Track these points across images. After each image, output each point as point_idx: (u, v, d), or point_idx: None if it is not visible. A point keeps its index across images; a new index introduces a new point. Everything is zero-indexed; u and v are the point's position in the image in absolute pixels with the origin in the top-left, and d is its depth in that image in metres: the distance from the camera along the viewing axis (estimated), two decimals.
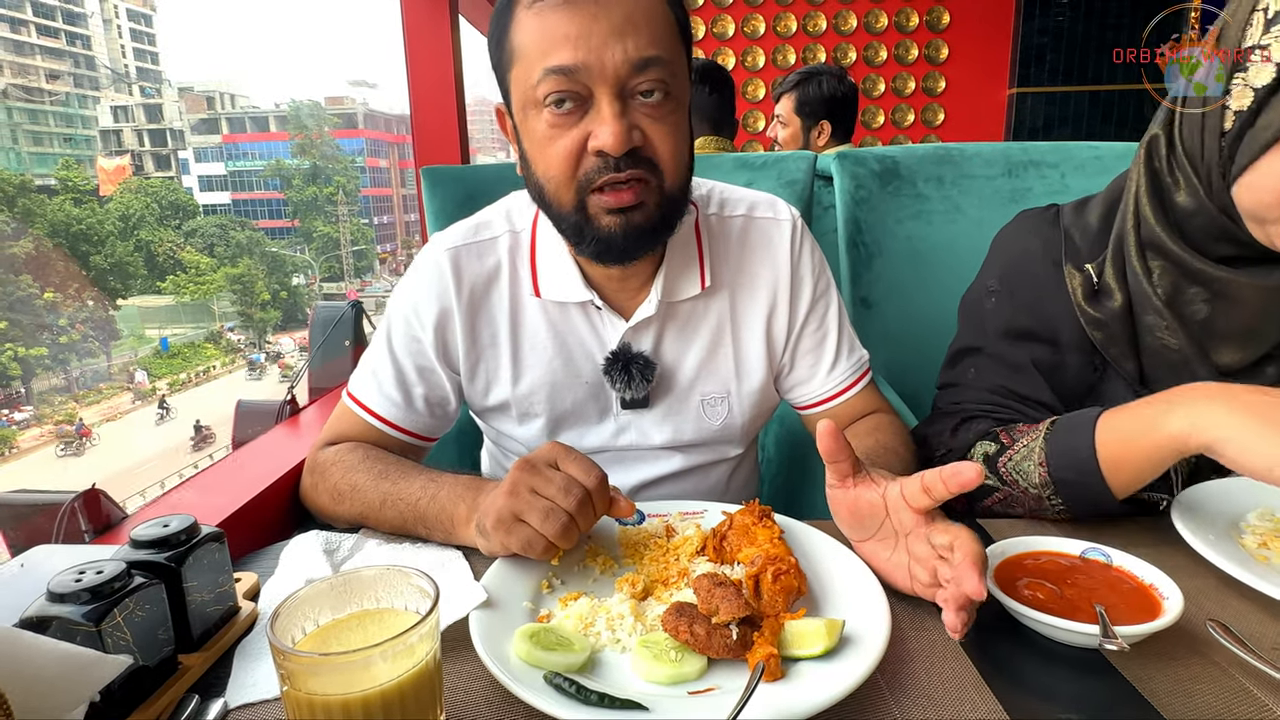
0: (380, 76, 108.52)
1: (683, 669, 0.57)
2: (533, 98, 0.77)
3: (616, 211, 0.79)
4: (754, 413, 1.00)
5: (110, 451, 23.15)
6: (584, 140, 0.77)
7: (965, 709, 0.55)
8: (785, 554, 0.65)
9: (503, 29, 0.79)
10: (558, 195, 0.80)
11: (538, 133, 0.79)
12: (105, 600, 0.54)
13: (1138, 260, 0.83)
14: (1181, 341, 0.81)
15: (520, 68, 0.78)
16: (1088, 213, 0.93)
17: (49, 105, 44.07)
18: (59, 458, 22.55)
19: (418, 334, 0.93)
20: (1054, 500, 0.80)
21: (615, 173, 0.77)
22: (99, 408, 26.46)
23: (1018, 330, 0.93)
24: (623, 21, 0.74)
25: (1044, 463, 0.80)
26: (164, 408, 25.90)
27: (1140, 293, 0.83)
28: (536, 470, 0.70)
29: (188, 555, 0.61)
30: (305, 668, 0.47)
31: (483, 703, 0.56)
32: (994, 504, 0.86)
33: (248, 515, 0.87)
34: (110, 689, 0.53)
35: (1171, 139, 0.80)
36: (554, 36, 0.74)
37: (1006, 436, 0.86)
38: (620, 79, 0.75)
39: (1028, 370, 0.92)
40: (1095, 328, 0.87)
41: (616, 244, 0.81)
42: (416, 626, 0.49)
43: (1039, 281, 0.92)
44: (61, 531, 0.76)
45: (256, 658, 0.62)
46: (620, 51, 0.74)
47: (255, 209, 44.45)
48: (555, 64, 0.74)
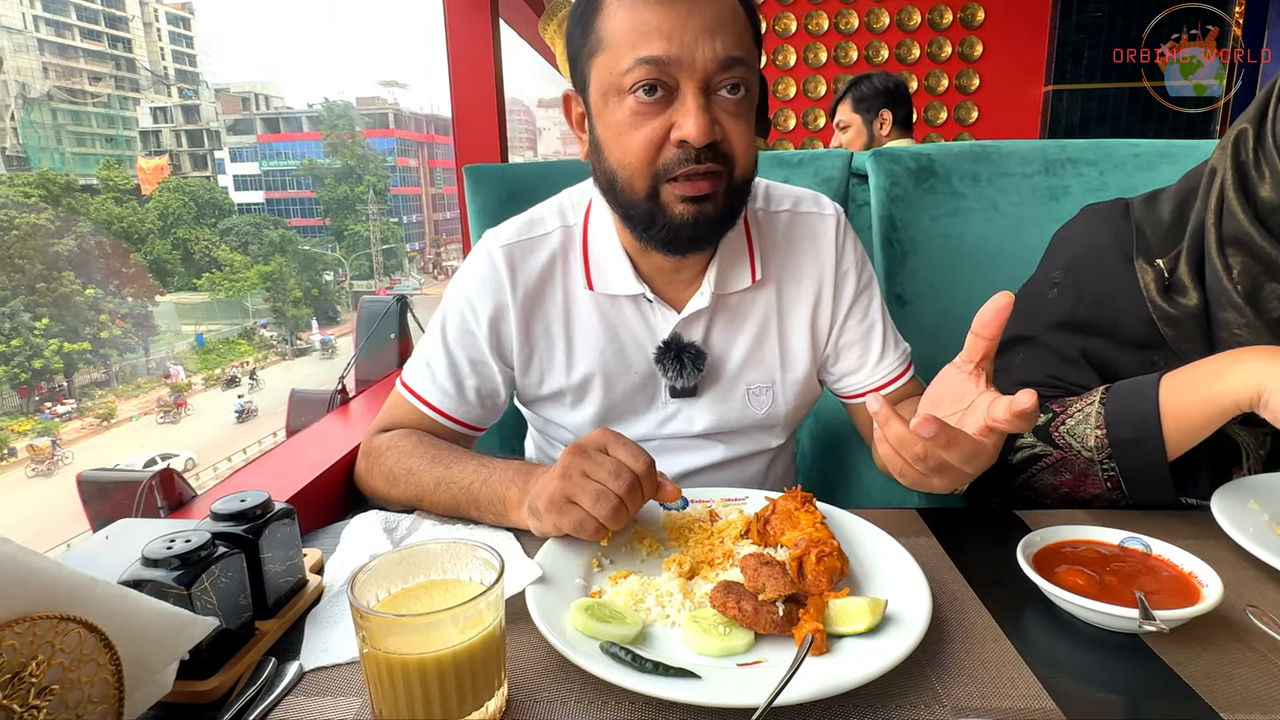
0: (410, 76, 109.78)
1: (731, 642, 0.59)
2: (618, 85, 0.80)
3: (690, 200, 0.82)
4: (797, 402, 1.03)
5: (200, 421, 26.02)
6: (666, 130, 0.80)
7: (1005, 687, 0.57)
8: (828, 537, 0.67)
9: (588, 18, 0.82)
10: (631, 182, 0.83)
11: (618, 119, 0.81)
12: (194, 566, 0.58)
13: (1217, 256, 0.83)
14: (1260, 339, 0.82)
15: (607, 55, 0.80)
16: (1159, 206, 0.93)
17: (91, 107, 45.29)
18: (159, 425, 25.86)
19: (472, 328, 0.97)
20: (1106, 465, 0.82)
21: (695, 164, 0.80)
22: (136, 401, 27.16)
23: (1076, 322, 0.94)
24: (713, 20, 0.78)
25: (1101, 425, 0.82)
26: (252, 380, 28.72)
27: (1218, 289, 0.83)
28: (588, 455, 0.73)
29: (264, 528, 0.66)
30: (382, 627, 0.51)
31: (541, 670, 0.60)
32: (1042, 470, 0.88)
33: (307, 496, 0.91)
34: (199, 649, 0.57)
35: (1261, 133, 0.81)
36: (647, 28, 0.77)
37: (1058, 405, 0.88)
38: (707, 74, 0.78)
39: (1079, 362, 0.93)
40: (1168, 324, 0.87)
41: (686, 232, 0.84)
42: (485, 594, 0.52)
43: (1108, 275, 0.93)
44: (140, 507, 0.81)
45: (327, 625, 0.66)
46: (710, 49, 0.77)
47: (288, 208, 45.26)
48: (647, 54, 0.77)
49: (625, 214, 0.87)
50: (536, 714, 0.55)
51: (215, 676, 0.58)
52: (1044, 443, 0.87)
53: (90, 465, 0.96)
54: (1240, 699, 0.55)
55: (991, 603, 0.67)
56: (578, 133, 0.91)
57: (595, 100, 0.84)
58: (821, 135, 4.81)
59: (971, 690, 0.57)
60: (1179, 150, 1.46)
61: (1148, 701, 0.56)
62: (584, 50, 0.84)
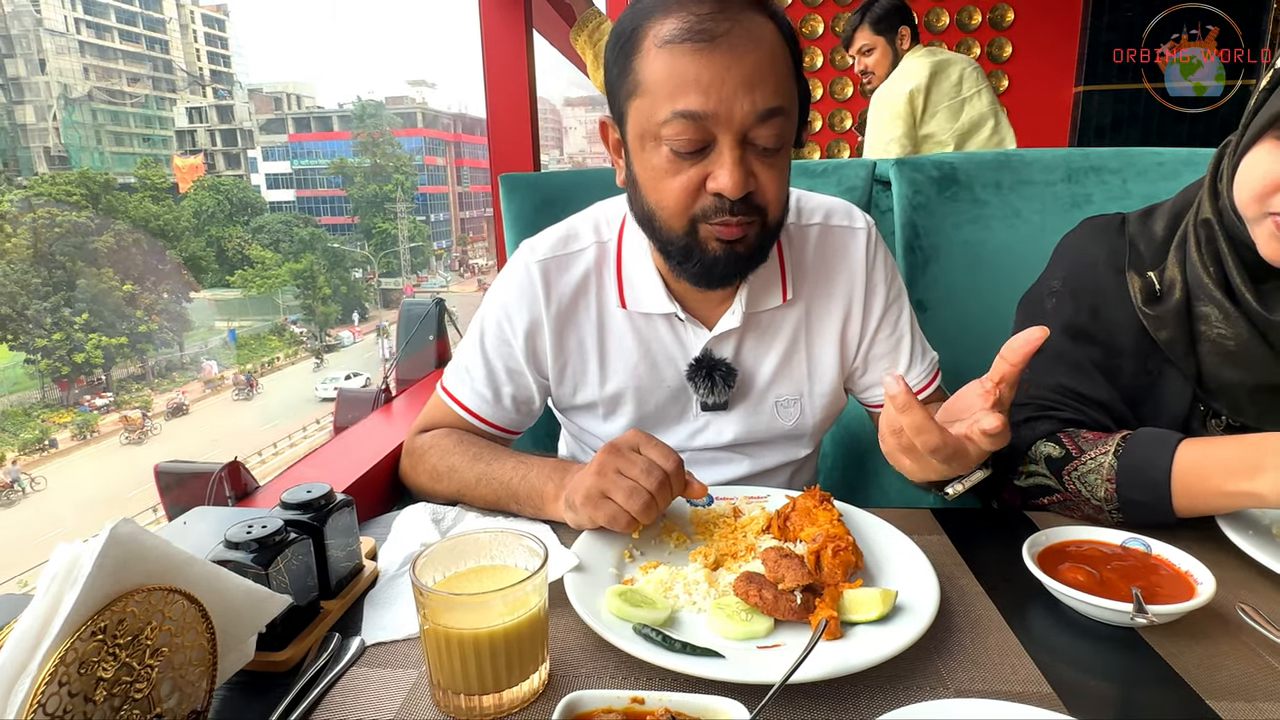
0: (438, 75, 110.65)
1: (753, 627, 0.65)
2: (654, 132, 0.81)
3: (724, 241, 0.84)
4: (824, 414, 1.06)
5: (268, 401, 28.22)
6: (702, 180, 0.82)
7: (1006, 673, 0.62)
8: (844, 533, 0.72)
9: (627, 56, 0.83)
10: (669, 223, 0.86)
11: (654, 165, 0.84)
12: (270, 550, 0.65)
13: (1195, 251, 0.87)
14: (1237, 331, 0.84)
15: (645, 100, 0.81)
16: (1153, 221, 0.96)
17: (129, 107, 46.44)
18: (234, 401, 28.50)
19: (509, 338, 1.01)
20: (1115, 514, 0.84)
21: (729, 215, 0.82)
22: (169, 395, 27.89)
23: (1076, 329, 0.96)
24: (753, 71, 0.78)
25: (1112, 479, 0.82)
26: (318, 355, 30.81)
27: (1198, 283, 0.86)
28: (621, 454, 0.79)
29: (328, 517, 0.72)
30: (441, 604, 0.57)
31: (578, 649, 0.66)
32: (1050, 504, 0.90)
33: (358, 489, 0.98)
34: (274, 624, 0.64)
35: (1238, 141, 0.84)
36: (685, 80, 0.78)
37: (1072, 444, 0.88)
38: (744, 128, 0.79)
39: (1087, 368, 0.94)
40: (1157, 327, 0.90)
41: (719, 269, 0.87)
42: (531, 577, 0.58)
43: (1101, 287, 0.95)
44: (211, 496, 0.89)
45: (385, 605, 0.73)
46: (749, 103, 0.78)
47: (318, 206, 46.00)
48: (685, 108, 0.78)
49: (662, 247, 0.89)
50: (576, 687, 0.61)
51: (288, 648, 0.65)
52: (1054, 479, 0.88)
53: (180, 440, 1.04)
54: (1226, 688, 0.59)
55: (997, 597, 0.72)
56: (614, 158, 0.92)
57: (632, 140, 0.86)
58: (848, 138, 4.82)
59: (974, 675, 0.61)
60: (1202, 159, 1.47)
61: (1139, 689, 0.61)
62: (622, 89, 0.85)
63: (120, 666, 0.48)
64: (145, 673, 0.50)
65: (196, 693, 0.55)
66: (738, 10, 0.79)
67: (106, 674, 0.47)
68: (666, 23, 0.79)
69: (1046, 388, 0.98)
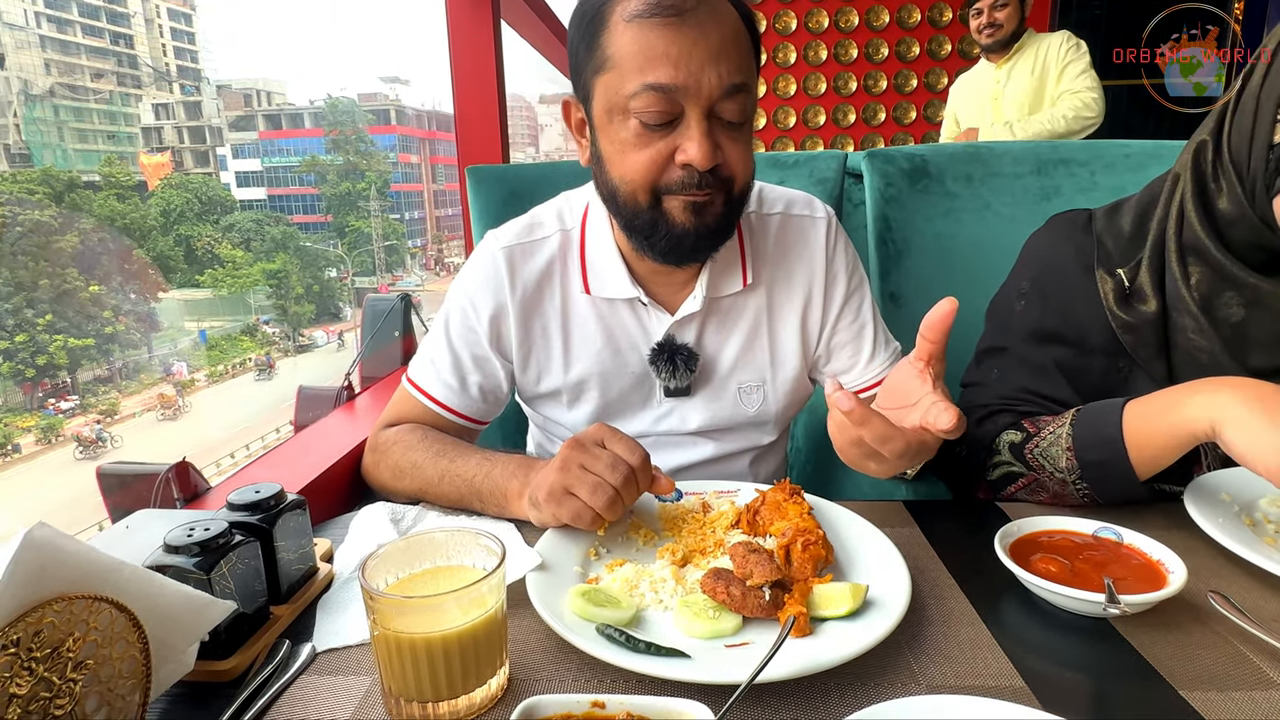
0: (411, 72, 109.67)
1: (720, 625, 0.63)
2: (623, 105, 0.82)
3: (691, 208, 0.84)
4: (787, 401, 1.06)
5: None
6: (670, 152, 0.82)
7: (979, 667, 0.60)
8: (814, 527, 0.70)
9: (593, 33, 0.83)
10: (633, 195, 0.85)
11: (622, 138, 0.84)
12: (213, 553, 0.61)
13: (1177, 264, 0.86)
14: (1213, 344, 0.84)
15: (612, 75, 0.81)
16: (1120, 218, 0.95)
17: (94, 103, 45.35)
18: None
19: (474, 325, 1.00)
20: (1079, 485, 0.85)
21: (696, 188, 0.83)
22: (140, 397, 27.32)
23: (1044, 332, 0.96)
24: (718, 45, 0.79)
25: (1071, 447, 0.84)
26: None
27: (1176, 295, 0.86)
28: (585, 448, 0.76)
29: (277, 518, 0.69)
30: (392, 608, 0.54)
31: (540, 651, 0.63)
32: (1019, 490, 0.91)
33: (316, 489, 0.94)
34: (218, 631, 0.60)
35: (1219, 145, 0.83)
36: (654, 53, 0.78)
37: (1031, 425, 0.90)
38: (712, 101, 0.80)
39: (1050, 371, 0.96)
40: (1126, 331, 0.90)
41: (688, 242, 0.87)
42: (487, 578, 0.56)
43: (1070, 286, 0.95)
44: (158, 498, 0.85)
45: (338, 610, 0.70)
46: (715, 76, 0.79)
47: (290, 204, 45.30)
48: (654, 81, 0.79)
49: (627, 223, 0.89)
50: (536, 691, 0.58)
51: (233, 657, 0.62)
52: (1019, 463, 0.90)
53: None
54: (1199, 678, 0.58)
55: (969, 589, 0.71)
56: (578, 138, 0.92)
57: (599, 115, 0.85)
58: (821, 133, 4.83)
59: (946, 670, 0.60)
60: (1168, 151, 1.48)
61: (1112, 680, 0.59)
62: (588, 65, 0.84)
63: (37, 682, 0.44)
64: (67, 688, 0.46)
65: (129, 706, 0.51)
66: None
67: (21, 690, 0.43)
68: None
69: (1011, 387, 0.99)
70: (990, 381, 1.01)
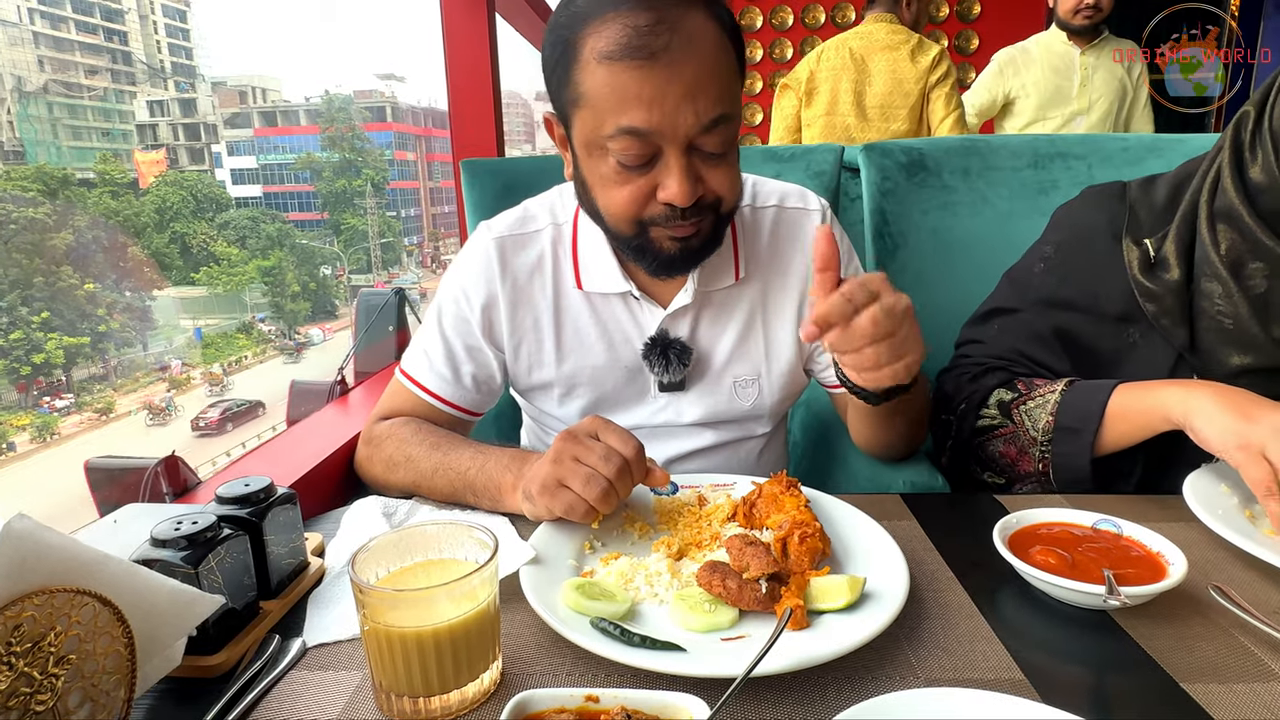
0: (407, 70, 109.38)
1: (716, 619, 0.62)
2: (600, 144, 0.81)
3: (677, 239, 0.85)
4: (783, 394, 1.05)
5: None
6: (651, 189, 0.82)
7: (977, 659, 0.60)
8: (810, 519, 0.70)
9: (566, 65, 0.80)
10: (618, 225, 0.86)
11: (601, 173, 0.83)
12: (200, 547, 0.60)
13: (1207, 230, 0.88)
14: (1237, 312, 0.86)
15: (588, 113, 0.80)
16: (1155, 190, 0.97)
17: (88, 100, 45.11)
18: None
19: (466, 315, 0.99)
20: (1044, 449, 0.90)
21: (680, 221, 0.83)
22: (135, 395, 27.22)
23: (1056, 300, 0.99)
24: (694, 83, 0.76)
25: (1054, 412, 0.91)
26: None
27: (1205, 260, 0.88)
28: (578, 440, 0.76)
29: (267, 512, 0.68)
30: (382, 602, 0.53)
31: (534, 646, 0.62)
32: (995, 438, 0.96)
33: (308, 483, 0.93)
34: (205, 626, 0.60)
35: (1260, 117, 0.84)
36: (626, 95, 0.76)
37: (1024, 386, 0.96)
38: (689, 138, 0.79)
39: (1048, 339, 0.99)
40: (1149, 299, 0.92)
41: (677, 264, 0.89)
42: (479, 570, 0.55)
43: (1094, 253, 0.97)
44: (146, 492, 0.84)
45: (328, 605, 0.69)
46: (692, 115, 0.77)
47: (286, 202, 45.13)
48: (629, 125, 0.77)
49: (615, 243, 0.91)
50: (530, 686, 0.57)
51: (222, 652, 0.61)
52: (1004, 417, 0.95)
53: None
54: (1199, 669, 0.58)
55: (968, 582, 0.70)
56: (562, 151, 0.91)
57: (579, 146, 0.84)
58: None
59: (945, 663, 0.59)
60: (1166, 144, 1.48)
61: (1112, 673, 0.59)
62: (563, 95, 0.82)
63: (17, 676, 0.43)
64: (48, 683, 0.45)
65: (113, 702, 0.50)
66: (676, 16, 0.76)
67: (0, 685, 0.42)
68: (604, 33, 0.76)
69: (1004, 347, 1.03)
70: (988, 338, 1.05)
